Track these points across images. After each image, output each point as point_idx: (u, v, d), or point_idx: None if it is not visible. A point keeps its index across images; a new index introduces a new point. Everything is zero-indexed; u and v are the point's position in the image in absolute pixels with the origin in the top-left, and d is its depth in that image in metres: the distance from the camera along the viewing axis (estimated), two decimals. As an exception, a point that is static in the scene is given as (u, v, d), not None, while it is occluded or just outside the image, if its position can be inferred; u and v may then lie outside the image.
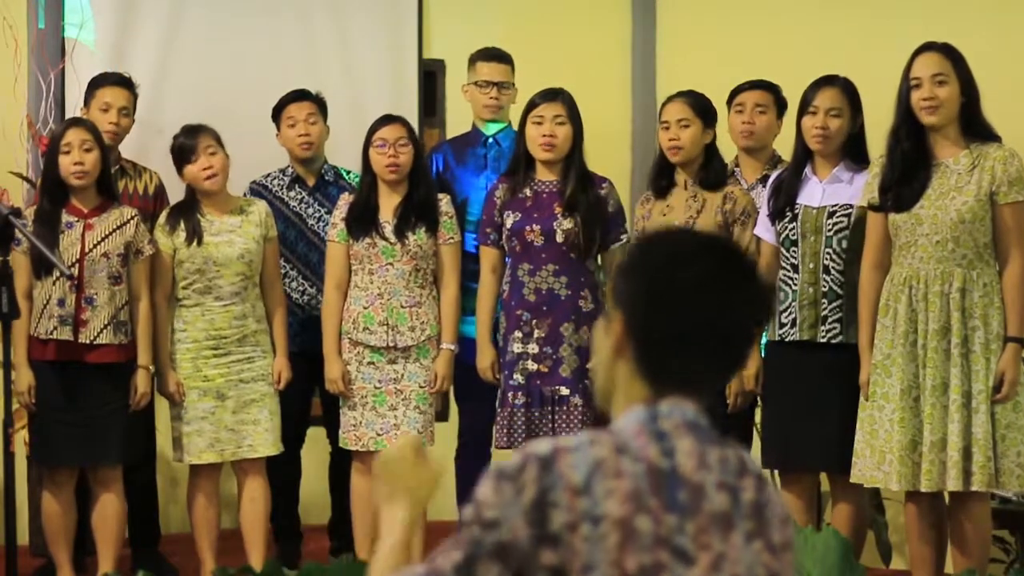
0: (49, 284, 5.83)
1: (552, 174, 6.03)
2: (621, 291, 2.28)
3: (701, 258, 2.26)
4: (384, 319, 6.06)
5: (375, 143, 6.07)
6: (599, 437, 2.19)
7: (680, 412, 2.24)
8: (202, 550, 6.10)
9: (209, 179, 6.02)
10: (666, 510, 2.15)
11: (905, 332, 5.21)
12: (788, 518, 2.28)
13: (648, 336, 2.25)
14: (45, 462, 5.93)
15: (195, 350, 6.05)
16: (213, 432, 6.04)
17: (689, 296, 2.24)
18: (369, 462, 6.14)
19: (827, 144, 5.57)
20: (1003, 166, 5.15)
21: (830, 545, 5.09)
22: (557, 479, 2.12)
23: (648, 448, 2.18)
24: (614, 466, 2.15)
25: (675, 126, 5.90)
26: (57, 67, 6.82)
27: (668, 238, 2.32)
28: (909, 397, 5.19)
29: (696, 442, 2.21)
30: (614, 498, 2.12)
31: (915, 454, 5.17)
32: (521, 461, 2.15)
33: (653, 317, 2.24)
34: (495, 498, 2.13)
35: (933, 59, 5.17)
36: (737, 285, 2.27)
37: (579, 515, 2.11)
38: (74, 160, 5.83)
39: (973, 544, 5.21)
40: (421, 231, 6.07)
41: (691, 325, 2.23)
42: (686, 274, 2.24)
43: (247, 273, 6.08)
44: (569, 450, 2.15)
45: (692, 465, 2.19)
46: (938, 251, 5.18)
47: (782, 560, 2.24)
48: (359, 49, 7.46)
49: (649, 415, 2.23)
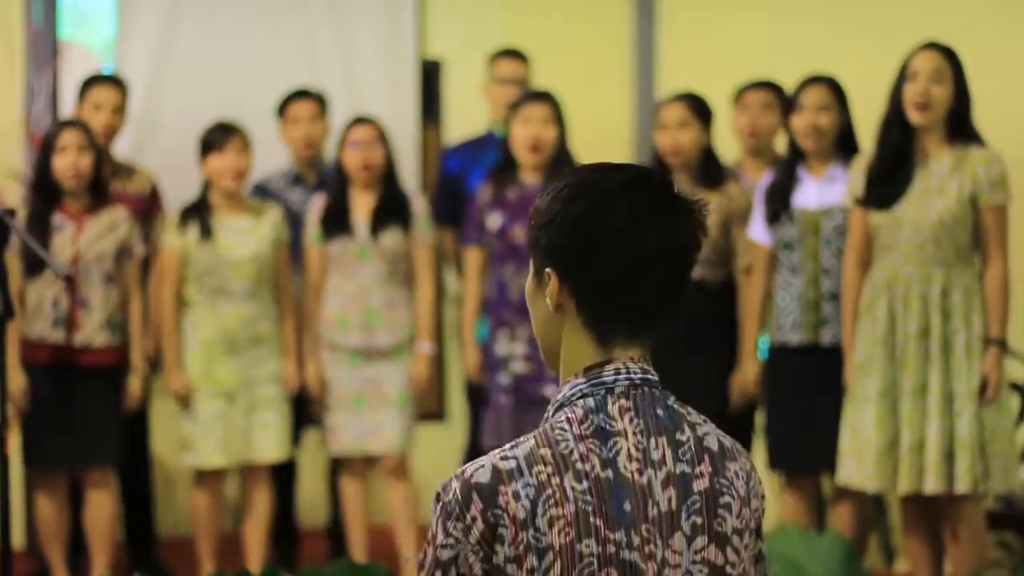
0: (42, 285, 5.79)
1: (538, 175, 6.01)
2: (551, 245, 2.19)
3: (627, 193, 2.17)
4: (360, 320, 6.05)
5: (348, 144, 6.07)
6: (539, 451, 2.13)
7: (626, 376, 2.18)
8: (202, 553, 6.07)
9: (234, 178, 6.00)
10: (612, 527, 2.11)
11: (884, 334, 5.19)
12: (749, 499, 2.21)
13: (588, 285, 2.17)
14: (37, 465, 5.89)
15: (206, 350, 6.02)
16: (223, 434, 6.00)
17: (624, 234, 2.15)
18: (357, 466, 6.13)
19: (819, 142, 5.55)
20: (985, 168, 5.12)
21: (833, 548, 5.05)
22: (502, 512, 2.09)
23: (591, 458, 2.12)
24: (558, 490, 2.10)
25: (674, 128, 5.87)
26: (52, 67, 6.77)
27: (586, 181, 2.20)
28: (887, 399, 5.17)
29: (643, 434, 2.15)
30: (557, 527, 2.09)
31: (892, 455, 5.15)
32: (465, 495, 2.11)
33: (591, 264, 2.16)
34: (445, 539, 2.11)
35: (933, 56, 5.14)
36: (668, 212, 2.18)
37: (523, 548, 2.09)
38: (69, 162, 5.78)
39: (968, 546, 5.19)
40: (395, 231, 6.06)
41: (631, 263, 2.16)
42: (616, 213, 2.16)
43: (259, 274, 6.05)
44: (511, 477, 2.11)
45: (636, 468, 2.14)
46: (919, 253, 5.16)
47: (735, 546, 2.18)
48: (358, 48, 7.43)
49: (593, 391, 2.16)
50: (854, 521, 5.56)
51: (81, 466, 5.90)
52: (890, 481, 5.16)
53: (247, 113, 6.56)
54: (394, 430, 6.07)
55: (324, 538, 6.81)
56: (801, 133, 5.56)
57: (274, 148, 6.63)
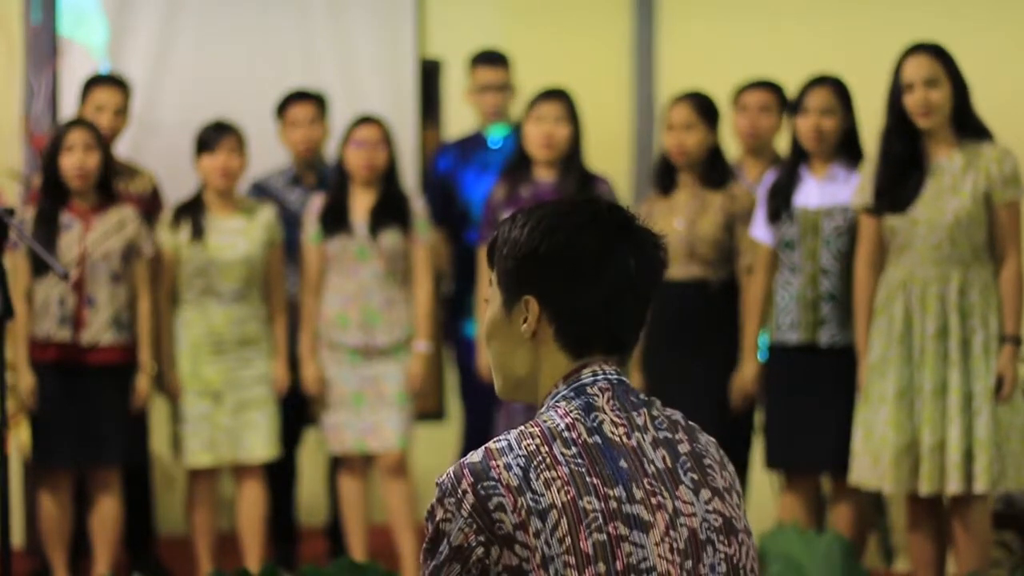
0: (49, 284, 5.79)
1: (551, 174, 6.00)
2: (531, 274, 2.32)
3: (597, 224, 2.32)
4: (360, 320, 6.05)
5: (352, 142, 6.07)
6: (527, 430, 2.27)
7: (604, 377, 2.32)
8: (200, 553, 6.07)
9: (223, 177, 6.00)
10: (610, 484, 2.23)
11: (901, 334, 5.18)
12: (725, 464, 2.36)
13: (569, 310, 2.32)
14: (44, 464, 5.88)
15: (194, 350, 6.02)
16: (209, 433, 6.01)
17: (603, 261, 2.31)
18: (356, 465, 6.13)
19: (822, 144, 5.55)
20: (997, 165, 5.11)
21: (832, 547, 5.06)
22: (495, 483, 2.22)
23: (577, 427, 2.26)
24: (548, 456, 2.23)
25: (680, 129, 5.86)
26: (51, 65, 6.77)
27: (557, 214, 2.34)
28: (904, 399, 5.16)
29: (621, 409, 2.30)
30: (555, 487, 2.21)
31: (910, 457, 5.14)
32: (457, 473, 2.24)
33: (573, 291, 2.31)
34: (442, 514, 2.24)
35: (923, 62, 5.12)
36: (634, 238, 2.34)
37: (525, 513, 2.20)
38: (76, 161, 5.79)
39: (973, 546, 5.18)
40: (394, 231, 6.06)
41: (610, 288, 2.31)
42: (593, 242, 2.31)
43: (249, 276, 6.05)
44: (501, 452, 2.24)
45: (623, 432, 2.28)
46: (935, 253, 5.15)
47: (730, 503, 2.32)
48: (357, 47, 7.43)
49: (574, 390, 2.31)
50: (853, 521, 5.56)
51: (88, 466, 5.90)
52: (908, 482, 5.14)
53: (246, 112, 6.57)
54: (394, 429, 6.08)
55: (323, 537, 6.81)
56: (805, 135, 5.55)
57: (273, 148, 6.62)
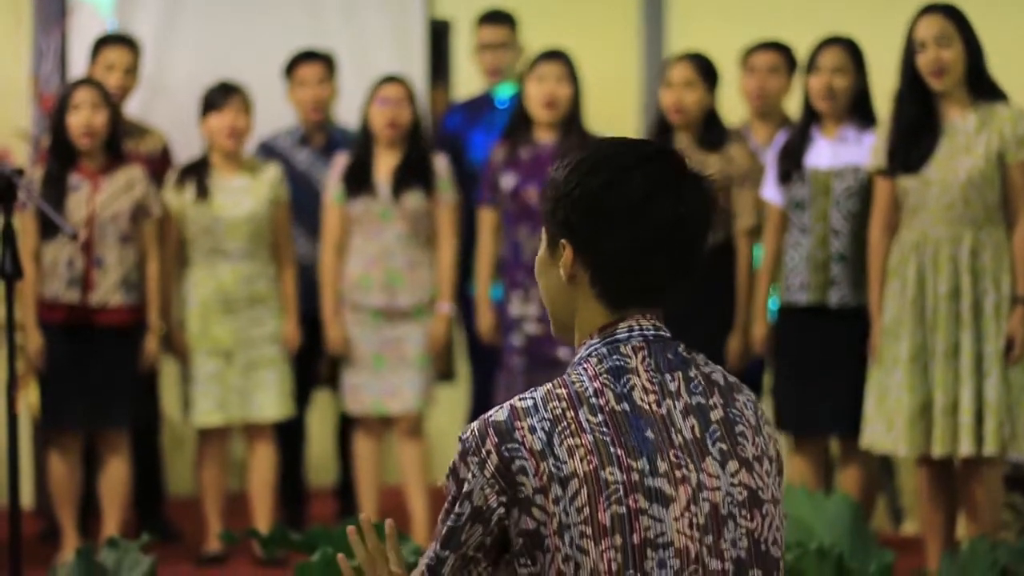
0: (58, 246, 5.78)
1: (551, 135, 5.99)
2: (567, 217, 2.25)
3: (641, 167, 2.24)
4: (382, 281, 6.04)
5: (377, 100, 6.05)
6: (554, 391, 2.21)
7: (640, 333, 2.25)
8: (209, 513, 6.08)
9: (230, 136, 5.99)
10: (634, 455, 2.17)
11: (914, 296, 5.16)
12: (760, 428, 2.29)
13: (603, 257, 2.25)
14: (53, 425, 5.89)
15: (203, 310, 6.02)
16: (220, 393, 6.02)
17: (639, 208, 2.22)
18: (373, 426, 6.14)
19: (833, 104, 5.53)
20: (1012, 125, 5.09)
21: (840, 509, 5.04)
22: (518, 446, 2.17)
23: (605, 392, 2.20)
24: (573, 422, 2.18)
25: (679, 88, 5.85)
26: (60, 26, 6.75)
27: (602, 155, 2.27)
28: (918, 362, 5.15)
29: (655, 371, 2.23)
30: (578, 455, 2.16)
31: (924, 419, 5.13)
32: (482, 431, 2.20)
33: (606, 237, 2.23)
34: (464, 472, 2.20)
35: (936, 21, 5.10)
36: (681, 186, 2.25)
37: (546, 478, 2.16)
38: (83, 119, 5.77)
39: (984, 509, 5.18)
40: (418, 192, 6.04)
41: (646, 237, 2.23)
42: (631, 187, 2.23)
43: (255, 234, 6.04)
44: (526, 412, 2.19)
45: (654, 399, 2.22)
46: (947, 213, 5.13)
47: (759, 472, 2.25)
48: (366, 9, 7.40)
49: (608, 347, 2.24)
50: (862, 483, 5.56)
51: (96, 428, 5.91)
52: (922, 444, 5.13)
53: (254, 72, 6.55)
54: (413, 390, 6.07)
55: (333, 498, 6.83)
56: (816, 94, 5.54)
57: (280, 107, 6.60)
